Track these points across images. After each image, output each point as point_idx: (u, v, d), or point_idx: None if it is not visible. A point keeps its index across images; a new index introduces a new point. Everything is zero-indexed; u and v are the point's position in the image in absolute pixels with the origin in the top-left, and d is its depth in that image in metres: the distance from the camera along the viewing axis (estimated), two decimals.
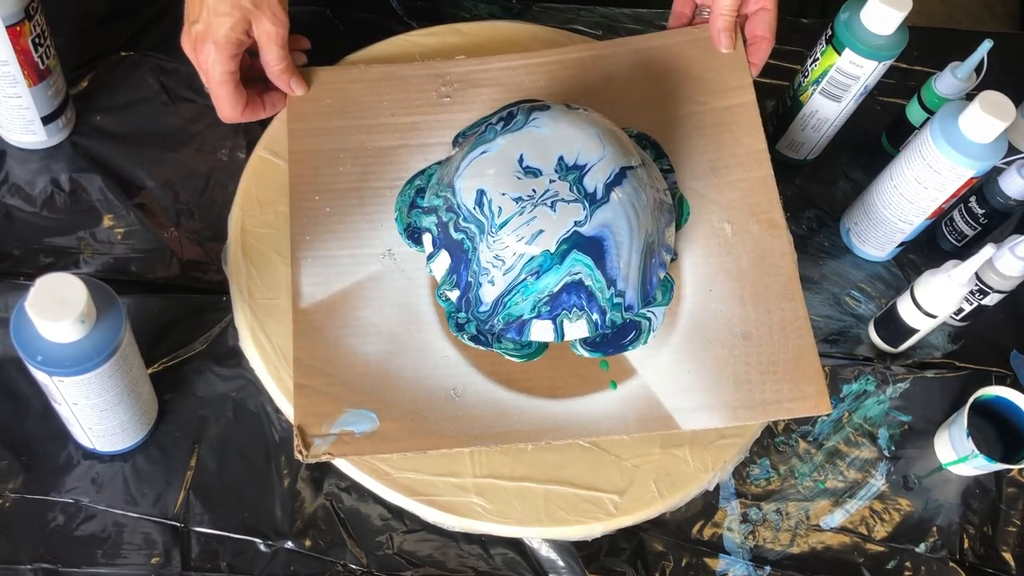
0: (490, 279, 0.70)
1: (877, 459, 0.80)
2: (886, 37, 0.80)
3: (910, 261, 0.90)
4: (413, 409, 0.71)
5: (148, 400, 0.69)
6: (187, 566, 0.68)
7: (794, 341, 0.74)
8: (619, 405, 0.72)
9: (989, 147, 0.77)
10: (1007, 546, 0.78)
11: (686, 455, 0.72)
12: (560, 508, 0.70)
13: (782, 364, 0.73)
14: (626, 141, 0.75)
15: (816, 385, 0.73)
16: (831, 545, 0.76)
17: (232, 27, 0.73)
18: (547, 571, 0.72)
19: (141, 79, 0.86)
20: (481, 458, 0.71)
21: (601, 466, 0.72)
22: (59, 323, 0.56)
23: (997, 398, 0.78)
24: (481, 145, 0.73)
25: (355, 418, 0.70)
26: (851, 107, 0.86)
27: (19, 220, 0.78)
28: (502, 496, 0.70)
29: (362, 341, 0.73)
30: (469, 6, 0.97)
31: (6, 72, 0.73)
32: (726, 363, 0.74)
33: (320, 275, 0.75)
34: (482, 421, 0.71)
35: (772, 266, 0.77)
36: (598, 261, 0.70)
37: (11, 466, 0.69)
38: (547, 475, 0.71)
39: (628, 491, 0.71)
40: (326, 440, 0.69)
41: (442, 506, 0.69)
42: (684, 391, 0.73)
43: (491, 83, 0.83)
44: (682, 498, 0.72)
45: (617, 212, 0.70)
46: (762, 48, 0.83)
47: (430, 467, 0.70)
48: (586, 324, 0.72)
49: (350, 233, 0.77)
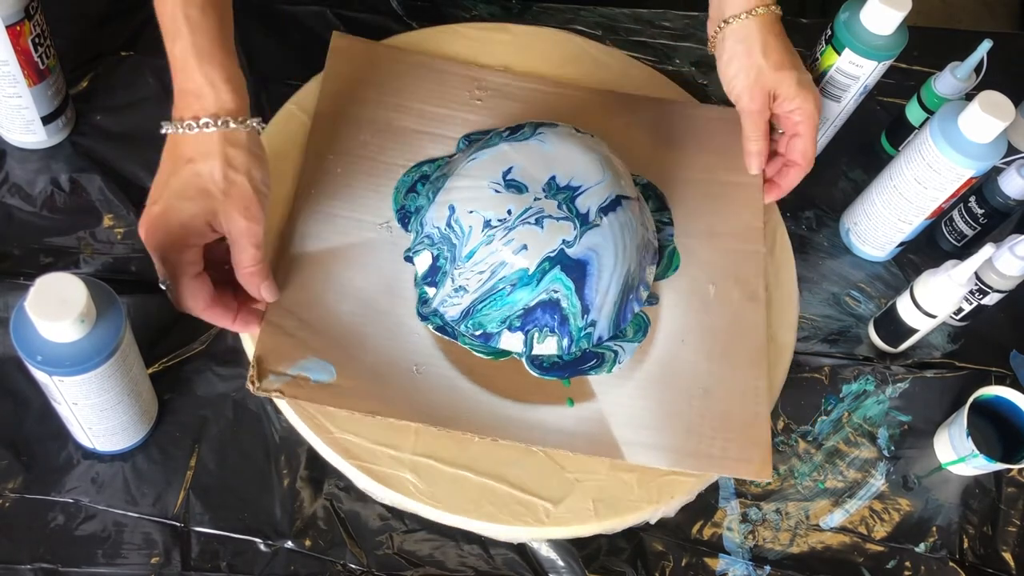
0: (460, 296, 0.72)
1: (877, 459, 0.80)
2: (886, 37, 0.80)
3: (910, 261, 0.90)
4: (373, 373, 0.72)
5: (148, 400, 0.69)
6: (187, 566, 0.68)
7: (751, 407, 0.75)
8: (571, 422, 0.73)
9: (989, 147, 0.77)
10: (1007, 546, 0.78)
11: (632, 482, 0.72)
12: (491, 504, 0.69)
13: (735, 425, 0.74)
14: (625, 174, 0.76)
15: (762, 452, 0.73)
16: (831, 545, 0.76)
17: (193, 216, 0.64)
18: (547, 571, 0.72)
19: (141, 79, 0.86)
20: (425, 437, 0.71)
21: (543, 473, 0.71)
22: (59, 323, 0.56)
23: (997, 398, 0.78)
24: (482, 149, 0.73)
25: (314, 366, 0.71)
26: (851, 107, 0.86)
27: (19, 220, 0.78)
28: (437, 479, 0.70)
29: (340, 300, 0.74)
30: (469, 6, 0.97)
31: (6, 72, 0.74)
32: (683, 411, 0.74)
33: (315, 229, 0.76)
34: (436, 402, 0.72)
35: (745, 334, 0.78)
36: (578, 285, 0.70)
37: (11, 466, 0.69)
38: (487, 469, 0.71)
39: (563, 502, 0.70)
40: (280, 379, 0.70)
41: (376, 475, 0.69)
42: (636, 426, 0.73)
43: (522, 100, 0.86)
44: (618, 523, 0.71)
45: (607, 238, 0.71)
46: (790, 174, 0.82)
47: (372, 434, 0.70)
48: (555, 345, 0.72)
49: (354, 198, 0.78)
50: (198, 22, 0.64)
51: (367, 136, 0.81)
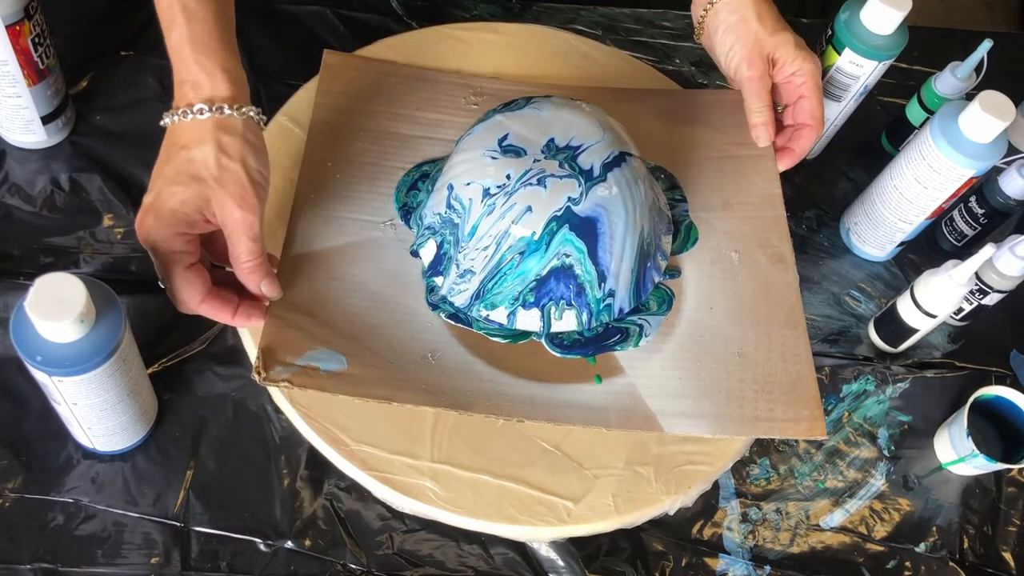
0: (468, 280, 0.71)
1: (877, 459, 0.80)
2: (886, 37, 0.80)
3: (910, 261, 0.90)
4: (385, 360, 0.70)
5: (148, 400, 0.69)
6: (187, 566, 0.68)
7: (792, 366, 0.73)
8: (602, 399, 0.71)
9: (989, 147, 0.77)
10: (1007, 546, 0.78)
11: (650, 474, 0.71)
12: (512, 506, 0.69)
13: (778, 385, 0.72)
14: (628, 136, 0.74)
15: (812, 410, 0.71)
16: (831, 545, 0.76)
17: (183, 202, 0.62)
18: (547, 571, 0.72)
19: (141, 79, 0.86)
20: (441, 443, 0.70)
21: (561, 471, 0.70)
22: (59, 323, 0.56)
23: (997, 398, 0.78)
24: (477, 124, 0.74)
25: (324, 355, 0.68)
26: (851, 107, 0.86)
27: (19, 220, 0.78)
28: (456, 485, 0.69)
29: (347, 294, 0.73)
30: (469, 6, 0.97)
31: (6, 72, 0.74)
32: (719, 377, 0.72)
33: (317, 229, 0.75)
34: (454, 388, 0.69)
35: (776, 296, 0.76)
36: (591, 246, 0.68)
37: (11, 466, 0.69)
38: (505, 471, 0.70)
39: (584, 500, 0.69)
40: (288, 369, 0.66)
41: (395, 485, 0.68)
42: (672, 396, 0.72)
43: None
44: (638, 517, 0.70)
45: (614, 194, 0.69)
46: (803, 135, 0.81)
47: (389, 444, 0.69)
48: (575, 319, 0.71)
49: (356, 200, 0.78)
50: (195, 11, 0.64)
51: (365, 143, 0.80)
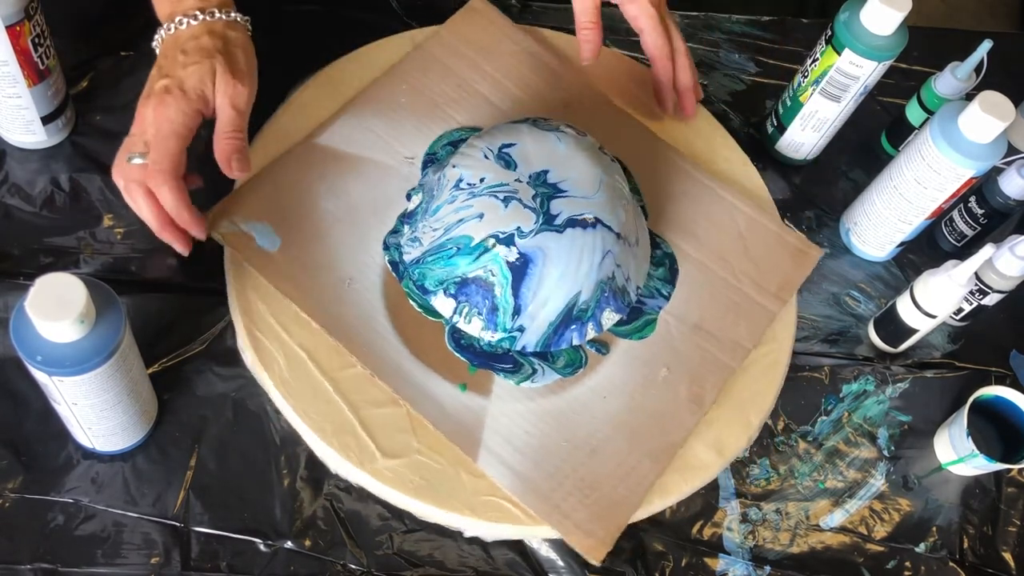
0: (415, 246, 0.73)
1: (877, 459, 0.80)
2: (886, 37, 0.80)
3: (910, 261, 0.90)
4: (311, 264, 0.75)
5: (148, 400, 0.69)
6: (187, 566, 0.68)
7: (624, 491, 0.72)
8: (452, 404, 0.72)
9: (989, 147, 0.77)
10: (1007, 546, 0.78)
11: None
12: (495, 508, 0.70)
13: (599, 496, 0.71)
14: (632, 215, 0.74)
15: (608, 534, 0.70)
16: (831, 545, 0.76)
17: (202, 78, 0.69)
18: (547, 571, 0.72)
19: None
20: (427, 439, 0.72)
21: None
22: (59, 323, 0.56)
23: (997, 398, 0.78)
24: (512, 122, 0.75)
25: (264, 230, 0.76)
26: (851, 107, 0.86)
27: (19, 220, 0.78)
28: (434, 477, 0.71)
29: (326, 195, 0.78)
30: None
31: (6, 72, 0.73)
32: (559, 455, 0.72)
33: (347, 131, 0.81)
34: (350, 319, 0.74)
35: (666, 429, 0.75)
36: (516, 279, 0.69)
37: (11, 466, 0.69)
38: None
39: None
40: (231, 227, 0.76)
41: (381, 477, 0.70)
42: (507, 441, 0.72)
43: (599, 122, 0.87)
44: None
45: (562, 248, 0.69)
46: (659, 71, 0.84)
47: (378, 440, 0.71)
48: (479, 328, 0.72)
49: (398, 127, 0.83)
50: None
51: (447, 87, 0.85)
